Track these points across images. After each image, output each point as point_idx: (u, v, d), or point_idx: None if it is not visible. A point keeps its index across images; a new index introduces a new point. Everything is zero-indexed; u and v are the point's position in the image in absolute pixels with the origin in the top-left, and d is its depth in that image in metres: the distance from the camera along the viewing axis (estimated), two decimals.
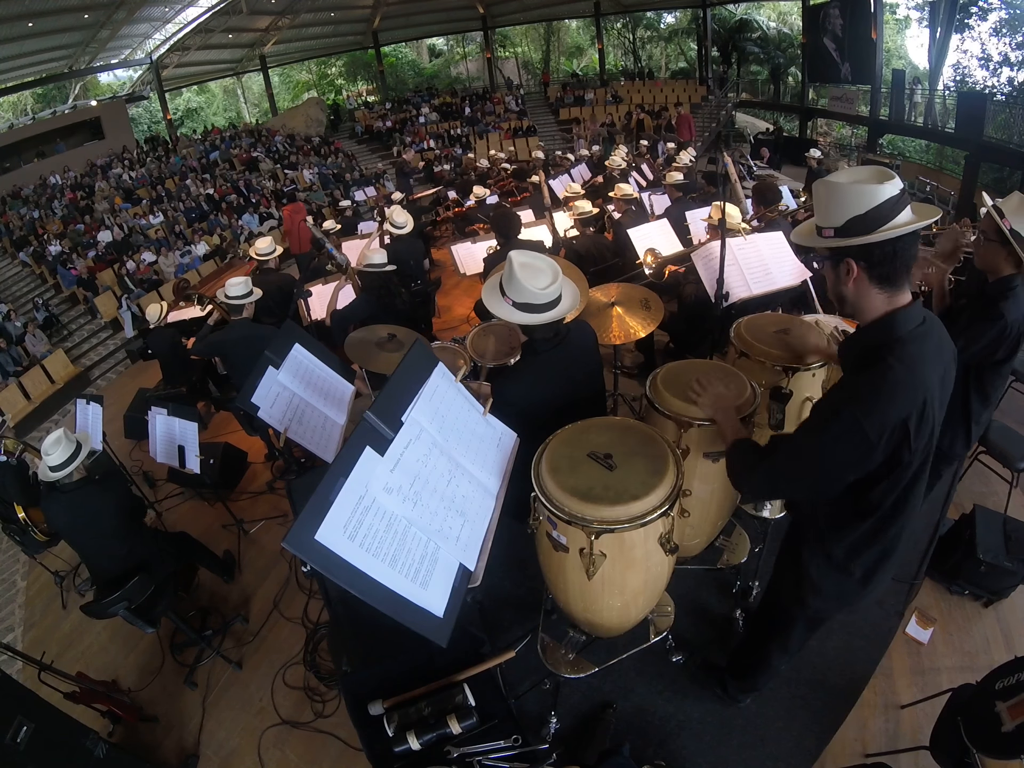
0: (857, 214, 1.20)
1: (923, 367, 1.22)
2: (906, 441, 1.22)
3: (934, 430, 1.28)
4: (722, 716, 2.14)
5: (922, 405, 1.21)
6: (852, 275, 1.26)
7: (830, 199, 1.24)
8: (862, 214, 1.19)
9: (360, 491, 1.25)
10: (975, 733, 1.57)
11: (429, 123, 18.41)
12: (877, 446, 1.21)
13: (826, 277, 1.35)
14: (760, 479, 1.44)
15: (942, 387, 1.28)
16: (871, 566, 1.47)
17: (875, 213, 1.19)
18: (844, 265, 1.26)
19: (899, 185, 1.21)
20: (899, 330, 1.24)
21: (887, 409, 1.19)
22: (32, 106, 17.55)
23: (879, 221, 1.19)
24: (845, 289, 1.29)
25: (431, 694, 1.71)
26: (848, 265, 1.25)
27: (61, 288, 10.83)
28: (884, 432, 1.20)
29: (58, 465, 2.42)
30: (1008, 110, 11.11)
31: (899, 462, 1.26)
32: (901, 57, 16.37)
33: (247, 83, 21.44)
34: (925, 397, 1.21)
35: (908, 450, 1.24)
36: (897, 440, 1.22)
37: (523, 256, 1.84)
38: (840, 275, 1.28)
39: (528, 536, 1.80)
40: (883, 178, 1.21)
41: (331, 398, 2.61)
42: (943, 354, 1.30)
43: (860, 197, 1.19)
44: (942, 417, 1.31)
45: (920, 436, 1.23)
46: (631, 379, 4.26)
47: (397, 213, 4.90)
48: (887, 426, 1.19)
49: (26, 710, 1.97)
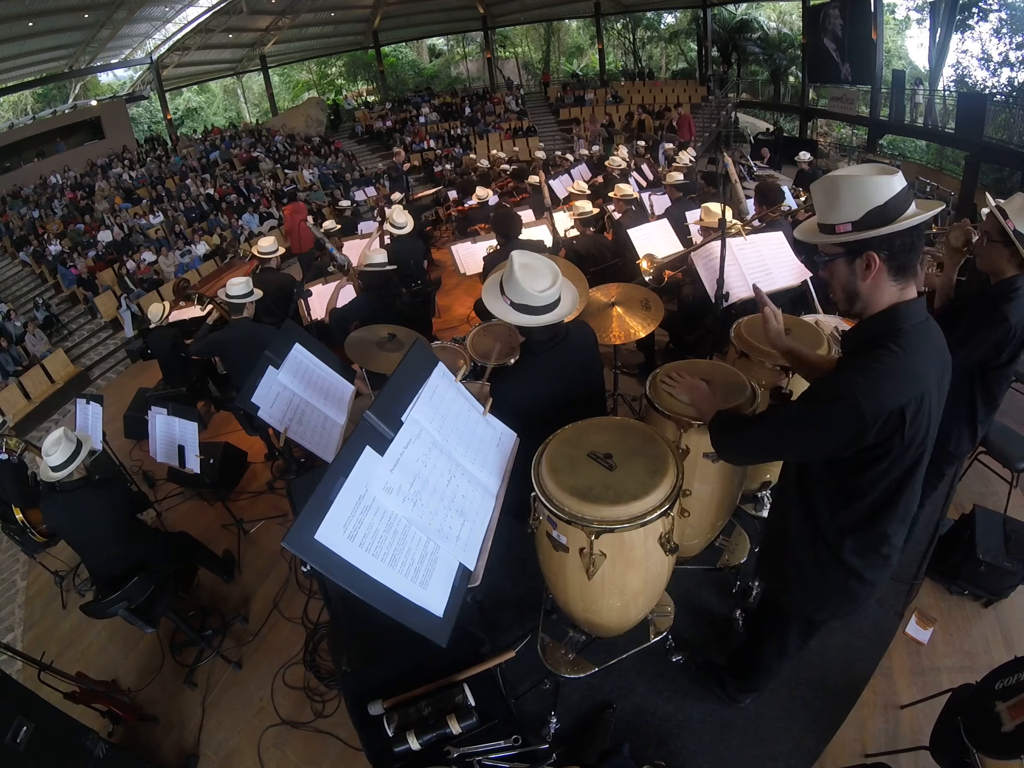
0: (877, 205, 1.19)
1: (924, 360, 1.23)
2: (900, 430, 1.22)
3: (930, 429, 1.27)
4: (722, 716, 2.14)
5: (920, 397, 1.21)
6: (873, 268, 1.23)
7: (844, 193, 1.22)
8: (881, 205, 1.18)
9: (360, 491, 1.25)
10: (975, 733, 1.57)
11: (429, 123, 18.39)
12: (871, 427, 1.20)
13: (834, 276, 1.32)
14: (751, 438, 1.46)
15: (939, 387, 1.28)
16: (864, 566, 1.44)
17: (894, 203, 1.18)
18: (864, 259, 1.23)
19: (904, 179, 1.21)
20: (903, 322, 1.24)
21: (886, 392, 1.19)
22: (32, 106, 17.54)
23: (898, 210, 1.19)
24: (861, 284, 1.27)
25: (431, 694, 1.71)
26: (869, 258, 1.22)
27: (61, 288, 10.83)
28: (880, 415, 1.19)
29: (59, 465, 2.42)
30: (1008, 110, 11.10)
31: (889, 450, 1.25)
32: (901, 57, 16.37)
33: (247, 83, 21.43)
34: (924, 390, 1.21)
35: (900, 440, 1.23)
36: (892, 427, 1.21)
37: (524, 257, 1.84)
38: (858, 270, 1.26)
39: (528, 536, 1.80)
40: (890, 171, 1.22)
41: (331, 398, 2.61)
42: (941, 355, 1.30)
43: (878, 188, 1.18)
44: (939, 418, 1.31)
45: (914, 428, 1.23)
46: (631, 379, 4.26)
47: (397, 213, 4.89)
48: (884, 409, 1.19)
49: (26, 710, 1.97)
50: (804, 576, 1.52)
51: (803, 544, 1.49)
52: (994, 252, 1.95)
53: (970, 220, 2.77)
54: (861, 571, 1.44)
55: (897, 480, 1.31)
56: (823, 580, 1.50)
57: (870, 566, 1.44)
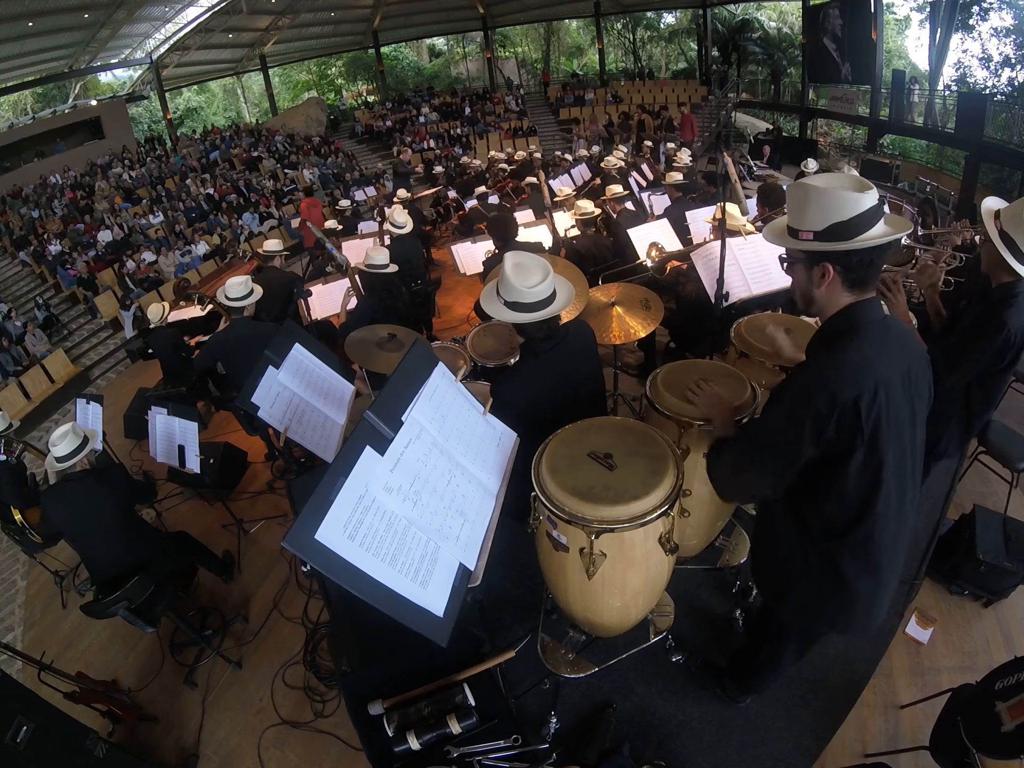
0: (839, 220, 1.21)
1: (877, 355, 1.25)
2: (857, 423, 1.23)
3: (893, 422, 1.27)
4: (722, 716, 2.14)
5: (874, 388, 1.22)
6: (827, 279, 1.28)
7: (811, 202, 1.24)
8: (844, 221, 1.21)
9: (360, 491, 1.25)
10: (975, 733, 1.57)
11: (429, 123, 18.39)
12: (827, 419, 1.23)
13: (794, 278, 1.37)
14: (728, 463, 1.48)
15: (907, 384, 1.29)
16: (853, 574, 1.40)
17: (857, 221, 1.21)
18: (820, 268, 1.28)
19: (876, 196, 1.23)
20: (858, 320, 1.28)
21: (835, 383, 1.22)
22: (32, 106, 17.53)
23: (860, 229, 1.22)
24: (816, 291, 1.32)
25: (431, 694, 1.71)
26: (824, 269, 1.27)
27: (61, 288, 10.83)
28: (835, 406, 1.22)
29: (64, 456, 2.48)
30: (1008, 110, 11.10)
31: (852, 445, 1.26)
32: (901, 57, 16.37)
33: (247, 83, 21.42)
34: (877, 382, 1.23)
35: (860, 433, 1.24)
36: (849, 420, 1.23)
37: (516, 257, 1.86)
38: (813, 277, 1.30)
39: (528, 536, 1.80)
40: (863, 187, 1.24)
41: (331, 398, 2.61)
42: (906, 351, 1.32)
43: (844, 204, 1.21)
44: (911, 416, 1.31)
45: (872, 420, 1.23)
46: (631, 379, 4.26)
47: (397, 213, 4.89)
48: (837, 401, 1.22)
49: (26, 710, 1.97)
50: (797, 586, 1.50)
51: (794, 553, 1.47)
52: (991, 254, 1.95)
53: (969, 221, 2.77)
54: (850, 579, 1.41)
55: (870, 476, 1.30)
56: (816, 591, 1.47)
57: (859, 575, 1.40)
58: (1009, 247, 1.85)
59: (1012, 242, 1.84)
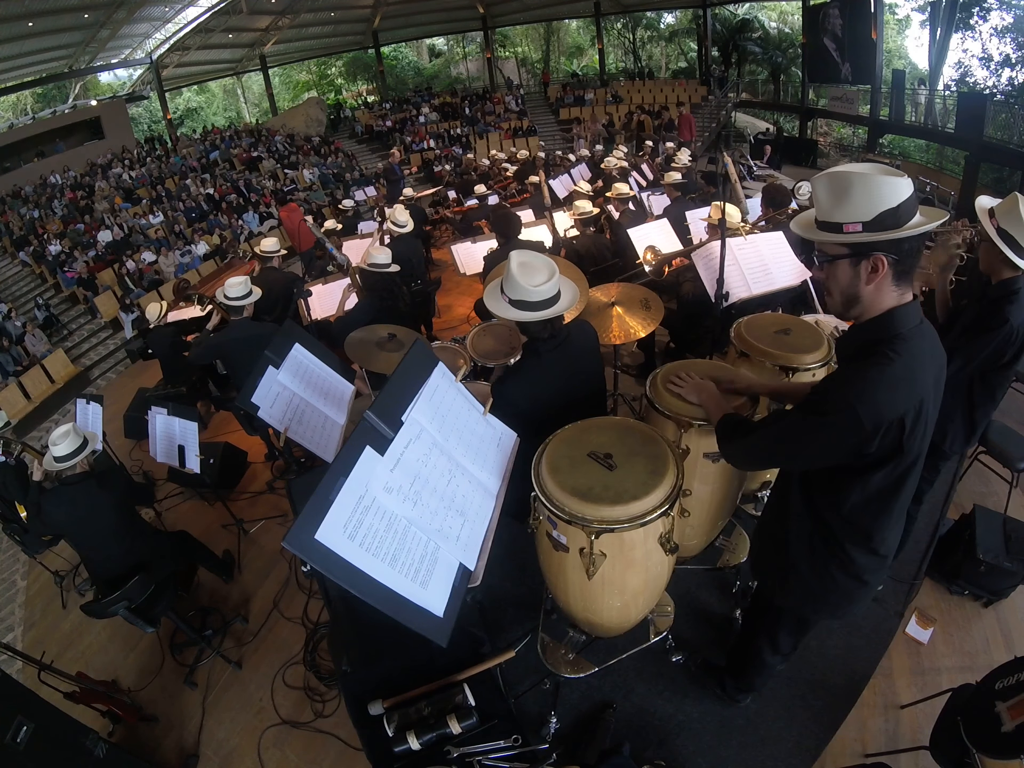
0: (890, 207, 1.13)
1: (920, 367, 1.21)
2: (900, 438, 1.21)
3: (927, 432, 1.27)
4: (722, 716, 2.14)
5: (919, 404, 1.20)
6: (880, 272, 1.18)
7: (855, 191, 1.15)
8: (895, 207, 1.13)
9: (360, 491, 1.25)
10: (975, 733, 1.57)
11: (429, 123, 18.38)
12: (873, 438, 1.19)
13: (833, 277, 1.26)
14: (754, 447, 1.46)
15: (935, 390, 1.28)
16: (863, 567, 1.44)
17: (906, 206, 1.14)
18: (871, 262, 1.18)
19: (911, 184, 1.17)
20: (900, 326, 1.21)
21: (885, 402, 1.17)
22: (32, 106, 17.54)
23: (910, 215, 1.15)
24: (863, 288, 1.21)
25: (431, 694, 1.71)
26: (877, 261, 1.17)
27: (61, 288, 10.82)
28: (881, 425, 1.18)
29: (63, 456, 2.46)
30: (1008, 110, 11.10)
31: (889, 457, 1.25)
32: (901, 57, 16.39)
33: (247, 83, 21.43)
34: (922, 397, 1.21)
35: (900, 447, 1.22)
36: (892, 436, 1.20)
37: (523, 256, 1.86)
38: (863, 273, 1.20)
39: (528, 536, 1.80)
40: (899, 174, 1.17)
41: (331, 398, 2.61)
42: (937, 358, 1.29)
43: (894, 190, 1.13)
44: (935, 420, 1.30)
45: (914, 435, 1.22)
46: (631, 379, 4.26)
47: (399, 212, 4.89)
48: (883, 420, 1.17)
49: (26, 710, 1.97)
50: (801, 576, 1.52)
51: (801, 545, 1.48)
52: (989, 253, 1.95)
53: (968, 221, 2.77)
54: (860, 572, 1.45)
55: (894, 482, 1.31)
56: (820, 580, 1.49)
57: (868, 567, 1.44)
58: (1008, 243, 1.85)
59: (1010, 238, 1.84)
